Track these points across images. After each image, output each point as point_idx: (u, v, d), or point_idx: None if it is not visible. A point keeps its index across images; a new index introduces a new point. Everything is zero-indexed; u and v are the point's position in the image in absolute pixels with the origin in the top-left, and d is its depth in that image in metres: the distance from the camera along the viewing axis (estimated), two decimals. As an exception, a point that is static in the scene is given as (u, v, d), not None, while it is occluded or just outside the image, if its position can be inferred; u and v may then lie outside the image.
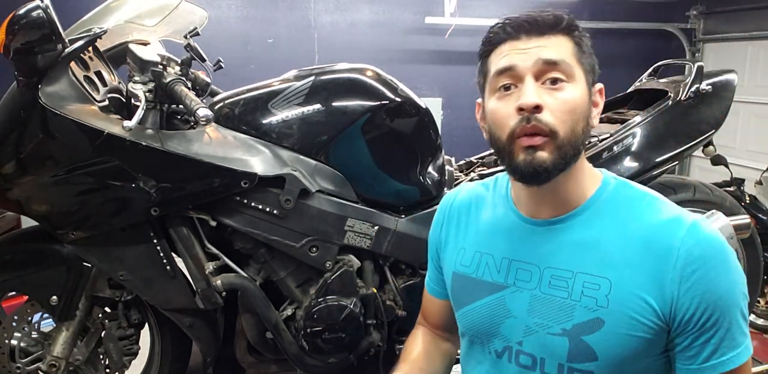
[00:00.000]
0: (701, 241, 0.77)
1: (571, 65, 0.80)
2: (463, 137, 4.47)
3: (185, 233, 1.55)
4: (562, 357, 0.81)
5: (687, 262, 0.76)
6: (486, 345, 0.91)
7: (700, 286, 0.76)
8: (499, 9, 4.38)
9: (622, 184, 0.87)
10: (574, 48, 0.81)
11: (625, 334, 0.78)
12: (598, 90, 0.86)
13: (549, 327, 0.82)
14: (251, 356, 1.80)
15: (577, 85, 0.80)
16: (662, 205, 0.83)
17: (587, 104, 0.82)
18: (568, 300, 0.81)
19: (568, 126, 0.78)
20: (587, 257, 0.81)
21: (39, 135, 1.39)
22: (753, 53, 4.11)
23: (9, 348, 1.65)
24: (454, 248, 0.98)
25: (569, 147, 0.79)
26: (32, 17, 1.29)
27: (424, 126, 1.69)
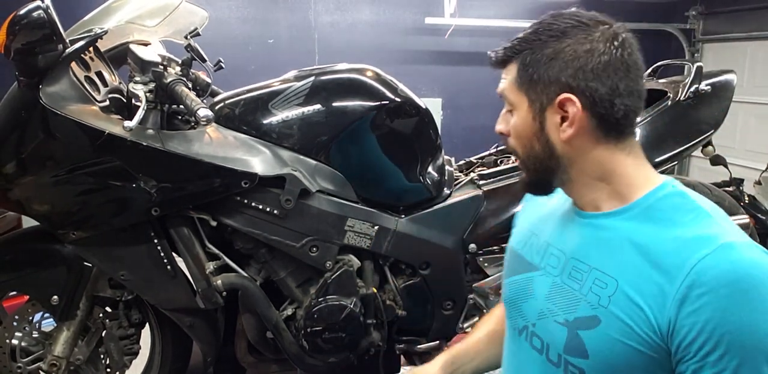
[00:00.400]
0: (722, 264, 0.70)
1: (508, 96, 0.87)
2: (463, 137, 4.47)
3: (186, 233, 1.56)
4: (560, 348, 0.83)
5: (696, 283, 0.70)
6: (512, 319, 0.96)
7: (706, 313, 0.69)
8: (499, 9, 4.38)
9: (679, 194, 0.81)
10: (517, 74, 0.85)
11: (617, 339, 0.76)
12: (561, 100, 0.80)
13: (556, 314, 0.84)
14: (251, 356, 1.80)
15: (518, 112, 0.86)
16: (709, 221, 0.76)
17: (531, 127, 0.84)
18: (577, 293, 0.82)
19: (521, 148, 0.87)
20: (607, 255, 0.81)
21: (40, 135, 1.39)
22: (752, 53, 4.11)
23: (10, 348, 1.66)
24: (520, 226, 1.04)
25: (532, 163, 0.86)
26: (33, 17, 1.30)
27: (424, 126, 1.69)
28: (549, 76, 0.81)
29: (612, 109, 0.80)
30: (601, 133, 0.82)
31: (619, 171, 0.83)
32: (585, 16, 0.82)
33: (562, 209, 0.93)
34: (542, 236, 0.95)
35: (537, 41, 0.82)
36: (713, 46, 4.52)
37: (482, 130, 4.56)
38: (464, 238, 1.74)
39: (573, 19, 0.82)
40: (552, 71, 0.81)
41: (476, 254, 1.76)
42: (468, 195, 1.76)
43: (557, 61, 0.80)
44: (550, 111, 0.82)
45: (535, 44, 0.82)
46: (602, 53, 0.79)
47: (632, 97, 0.81)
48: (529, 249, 0.96)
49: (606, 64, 0.79)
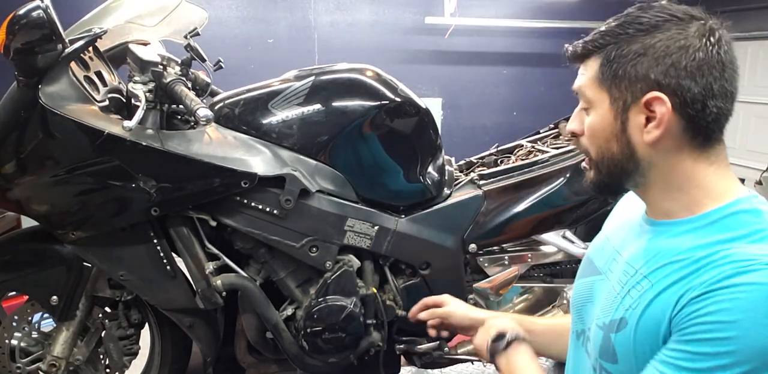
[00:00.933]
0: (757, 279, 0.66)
1: (585, 93, 0.81)
2: (463, 137, 4.48)
3: (185, 233, 1.55)
4: (597, 351, 0.81)
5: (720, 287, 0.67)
6: (574, 323, 0.95)
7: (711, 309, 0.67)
8: (499, 9, 4.38)
9: (754, 211, 0.75)
10: (599, 70, 0.79)
11: (641, 343, 0.73)
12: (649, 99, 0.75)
13: (599, 318, 0.83)
14: (251, 356, 1.80)
15: (595, 110, 0.81)
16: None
17: (610, 126, 0.79)
18: (618, 296, 0.80)
19: (596, 147, 0.82)
20: (656, 262, 0.77)
21: (39, 135, 1.39)
22: (753, 53, 4.11)
23: (9, 348, 1.65)
24: (602, 230, 1.02)
25: (605, 165, 0.81)
26: (32, 17, 1.29)
27: (424, 126, 1.69)
28: (637, 73, 0.75)
29: (704, 111, 0.74)
30: (687, 137, 0.76)
31: (699, 181, 0.78)
32: (677, 9, 0.77)
33: (635, 215, 0.90)
34: (613, 242, 0.92)
35: (624, 35, 0.76)
36: (713, 46, 4.51)
37: (482, 130, 4.58)
38: (464, 238, 1.73)
39: (664, 12, 0.77)
40: (640, 67, 0.75)
41: (476, 254, 1.76)
42: (468, 195, 1.76)
43: (647, 57, 0.75)
44: (634, 110, 0.77)
45: (622, 38, 0.76)
46: (697, 50, 0.74)
47: (726, 99, 0.75)
48: (598, 254, 0.94)
49: (701, 62, 0.74)
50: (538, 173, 1.77)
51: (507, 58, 4.45)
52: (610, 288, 0.84)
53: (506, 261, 1.79)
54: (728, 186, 0.78)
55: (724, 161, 0.79)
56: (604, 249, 0.93)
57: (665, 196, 0.80)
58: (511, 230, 1.77)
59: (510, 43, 4.43)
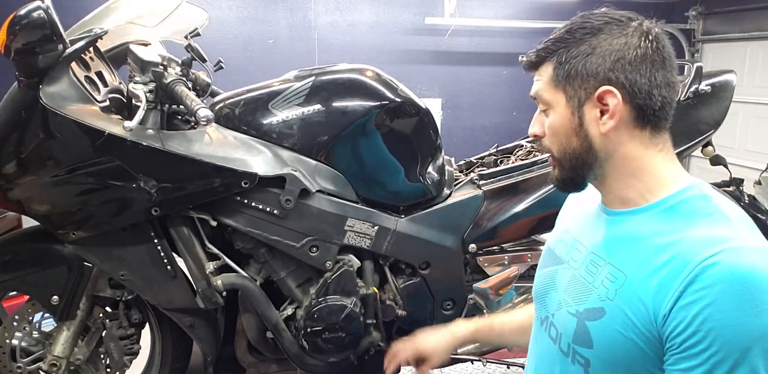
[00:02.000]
0: (726, 264, 0.70)
1: (543, 96, 0.88)
2: (463, 137, 4.48)
3: (186, 233, 1.56)
4: (570, 337, 0.86)
5: (696, 279, 0.71)
6: (537, 311, 1.00)
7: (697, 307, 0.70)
8: (499, 9, 4.38)
9: (702, 196, 0.81)
10: (551, 74, 0.86)
11: (619, 332, 0.78)
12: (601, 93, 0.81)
13: (569, 305, 0.88)
14: (252, 355, 1.80)
15: (554, 110, 0.87)
16: (725, 224, 0.76)
17: (569, 122, 0.85)
18: (589, 285, 0.85)
19: (557, 146, 0.87)
20: (622, 250, 0.83)
21: (40, 135, 1.39)
22: (752, 54, 4.11)
23: (10, 348, 1.66)
24: (558, 224, 1.07)
25: (569, 160, 0.87)
26: (33, 18, 1.30)
27: (424, 126, 1.69)
28: (587, 71, 0.82)
29: (651, 100, 0.82)
30: (638, 125, 0.83)
31: (651, 168, 0.85)
32: (616, 13, 0.85)
33: (593, 206, 0.95)
34: (572, 233, 0.98)
35: (571, 39, 0.84)
36: (713, 46, 4.52)
37: (482, 130, 4.58)
38: (464, 238, 1.74)
39: (605, 16, 0.84)
40: (590, 66, 0.82)
41: (476, 254, 1.76)
42: (468, 195, 1.76)
43: (594, 56, 0.82)
44: (588, 105, 0.83)
45: (570, 42, 0.84)
46: (638, 46, 0.81)
47: (669, 88, 0.83)
48: (559, 244, 0.99)
49: (643, 56, 0.81)
50: (538, 173, 1.78)
51: (507, 58, 4.45)
52: (578, 277, 0.89)
53: (506, 261, 1.79)
54: (676, 173, 0.86)
55: (670, 149, 0.88)
56: (563, 240, 0.99)
57: (621, 185, 0.86)
58: (511, 230, 1.77)
59: (510, 43, 4.43)
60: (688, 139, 1.90)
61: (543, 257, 1.04)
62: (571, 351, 0.86)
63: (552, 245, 1.02)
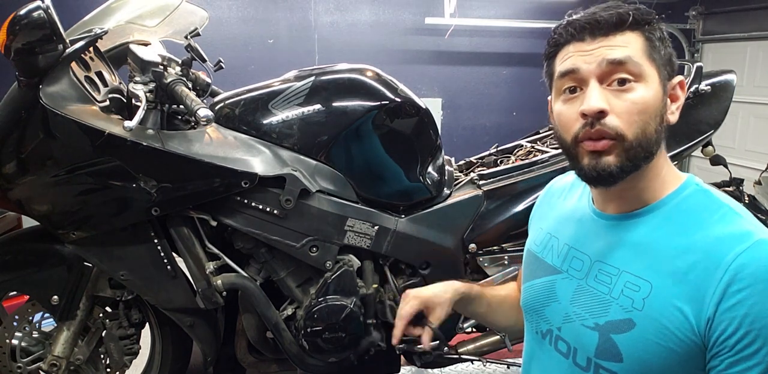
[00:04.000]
0: (759, 260, 0.69)
1: (639, 64, 0.77)
2: (463, 137, 4.48)
3: (186, 232, 1.56)
4: (591, 352, 0.81)
5: (735, 278, 0.69)
6: (534, 323, 0.95)
7: (744, 307, 0.69)
8: (499, 9, 4.38)
9: (702, 191, 0.80)
10: (644, 44, 0.78)
11: (654, 342, 0.74)
12: (678, 83, 0.81)
13: (584, 318, 0.83)
14: (252, 355, 1.80)
15: (647, 83, 0.77)
16: (737, 219, 0.75)
17: (660, 101, 0.78)
18: (607, 296, 0.81)
19: (637, 127, 0.76)
20: (637, 257, 0.79)
21: (40, 135, 1.39)
22: (752, 54, 4.11)
23: (10, 348, 1.66)
24: (537, 227, 1.02)
25: (639, 149, 0.77)
26: (33, 18, 1.30)
27: (423, 126, 1.69)
28: (670, 56, 0.80)
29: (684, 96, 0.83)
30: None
31: (665, 166, 0.82)
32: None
33: (581, 211, 0.92)
34: (562, 239, 0.93)
35: (652, 19, 0.79)
36: (713, 46, 4.52)
37: (482, 130, 4.58)
38: (464, 238, 1.74)
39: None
40: (669, 51, 0.80)
41: (476, 254, 1.76)
42: (468, 195, 1.76)
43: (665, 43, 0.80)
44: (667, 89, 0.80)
45: (653, 21, 0.79)
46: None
47: None
48: (549, 252, 0.94)
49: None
50: (537, 173, 1.78)
51: (507, 58, 4.45)
52: (588, 288, 0.84)
53: (506, 261, 1.79)
54: (673, 170, 0.83)
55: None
56: (554, 248, 0.93)
57: (646, 184, 0.81)
58: (511, 230, 1.77)
59: (510, 43, 4.43)
60: (688, 139, 1.90)
61: (529, 267, 0.99)
62: (593, 365, 0.81)
63: (538, 253, 0.97)
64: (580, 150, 0.79)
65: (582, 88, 0.79)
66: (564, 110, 0.81)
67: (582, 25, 0.78)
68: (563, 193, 1.02)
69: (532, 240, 1.02)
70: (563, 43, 0.81)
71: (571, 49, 0.80)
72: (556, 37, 0.82)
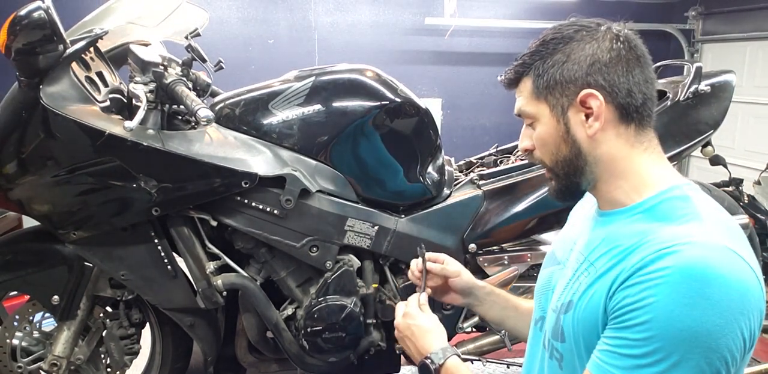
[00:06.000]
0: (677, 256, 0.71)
1: (527, 110, 0.89)
2: (463, 137, 4.48)
3: (186, 232, 1.56)
4: (549, 333, 0.89)
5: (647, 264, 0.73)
6: (535, 311, 1.02)
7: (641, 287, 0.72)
8: (499, 9, 4.39)
9: (683, 197, 0.81)
10: (532, 86, 0.87)
11: (582, 324, 0.81)
12: (583, 97, 0.83)
13: (554, 302, 0.91)
14: (252, 355, 1.80)
15: (540, 121, 0.88)
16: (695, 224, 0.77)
17: (556, 131, 0.86)
18: (570, 281, 0.88)
19: (548, 155, 0.89)
20: (600, 249, 0.85)
21: (40, 135, 1.39)
22: (751, 54, 4.12)
23: (10, 348, 1.66)
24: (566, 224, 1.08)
25: (562, 168, 0.88)
26: (34, 18, 1.30)
27: (423, 126, 1.69)
28: (565, 78, 0.84)
29: (632, 97, 0.83)
30: (622, 124, 0.84)
31: (636, 168, 0.85)
32: (585, 21, 0.87)
33: (592, 209, 0.97)
34: (572, 235, 0.99)
35: (545, 51, 0.86)
36: (713, 46, 4.53)
37: (482, 130, 4.58)
38: (464, 238, 1.74)
39: (574, 25, 0.86)
40: (567, 73, 0.84)
41: (476, 254, 1.76)
42: (468, 195, 1.76)
43: (569, 62, 0.84)
44: (572, 111, 0.85)
45: (545, 54, 0.86)
46: (610, 49, 0.83)
47: (648, 84, 0.84)
48: (560, 245, 1.01)
49: (617, 57, 0.83)
50: (537, 173, 1.78)
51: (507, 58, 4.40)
52: (567, 276, 0.91)
53: (506, 261, 1.79)
54: (663, 173, 0.86)
55: (657, 147, 0.87)
56: (565, 241, 1.00)
57: (609, 187, 0.87)
58: (511, 230, 1.77)
59: (510, 43, 4.43)
60: (687, 139, 1.90)
61: (546, 259, 1.05)
62: (550, 346, 0.89)
63: (555, 247, 1.04)
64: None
65: None
66: None
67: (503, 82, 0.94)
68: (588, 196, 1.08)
69: (557, 236, 1.08)
70: None
71: None
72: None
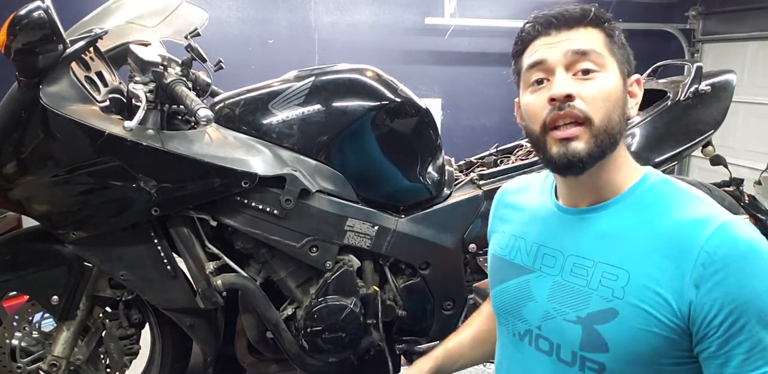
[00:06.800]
0: (728, 241, 0.73)
1: (601, 55, 0.81)
2: (463, 137, 4.48)
3: (186, 232, 1.56)
4: (575, 345, 0.82)
5: (709, 262, 0.73)
6: (510, 326, 0.94)
7: (723, 288, 0.72)
8: (499, 9, 4.39)
9: (663, 181, 0.85)
10: (606, 39, 0.83)
11: (638, 328, 0.76)
12: (635, 81, 0.86)
13: (565, 313, 0.84)
14: (251, 355, 1.80)
15: (609, 74, 0.82)
16: (699, 203, 0.80)
17: (621, 93, 0.82)
18: (585, 288, 0.82)
19: (602, 113, 0.79)
20: (610, 247, 0.82)
21: (40, 135, 1.39)
22: (752, 53, 4.11)
23: (10, 348, 1.66)
24: (499, 231, 1.03)
25: (605, 135, 0.80)
26: (33, 18, 1.30)
27: (424, 126, 1.69)
28: (628, 56, 0.85)
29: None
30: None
31: (624, 159, 0.86)
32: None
33: (544, 209, 0.94)
34: (530, 239, 0.94)
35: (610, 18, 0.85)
36: (713, 46, 4.52)
37: (482, 130, 4.58)
38: (464, 238, 1.74)
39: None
40: (628, 52, 0.85)
41: (476, 254, 1.76)
42: (468, 195, 1.76)
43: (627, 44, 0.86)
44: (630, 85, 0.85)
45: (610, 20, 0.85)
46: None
47: None
48: (517, 254, 0.95)
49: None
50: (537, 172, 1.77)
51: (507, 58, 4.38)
52: (564, 283, 0.86)
53: (506, 261, 1.79)
54: (633, 164, 0.87)
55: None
56: (521, 249, 0.95)
57: (609, 176, 0.84)
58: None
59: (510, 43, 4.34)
60: (688, 139, 1.90)
61: (498, 272, 0.99)
62: (579, 358, 0.82)
63: (506, 257, 0.98)
64: (548, 139, 0.82)
65: (549, 78, 0.82)
66: (532, 100, 0.84)
67: (548, 19, 0.84)
68: (517, 197, 1.04)
69: (496, 245, 1.03)
70: (531, 39, 0.86)
71: (538, 44, 0.85)
72: (523, 35, 0.88)
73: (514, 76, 0.91)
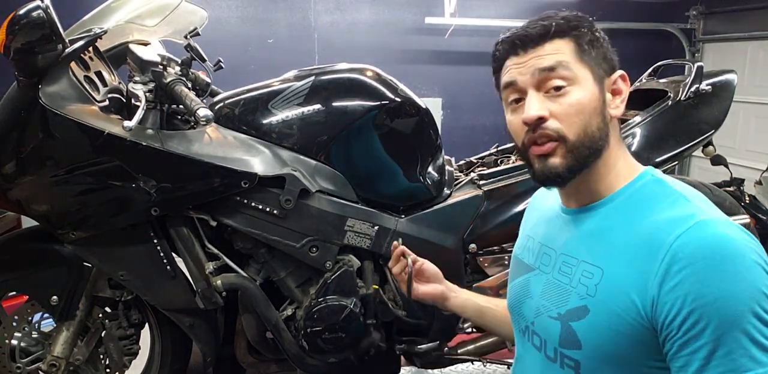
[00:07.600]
0: (697, 239, 0.71)
1: (568, 67, 0.82)
2: (463, 137, 4.48)
3: (185, 233, 1.55)
4: (555, 342, 0.84)
5: (675, 259, 0.71)
6: (516, 322, 0.98)
7: (686, 287, 0.70)
8: (499, 9, 4.38)
9: (656, 181, 0.83)
10: (574, 48, 0.83)
11: (606, 326, 0.76)
12: (619, 77, 0.86)
13: (550, 310, 0.86)
14: (251, 356, 1.80)
15: (580, 85, 0.82)
16: (685, 203, 0.78)
17: (597, 100, 0.82)
18: (567, 286, 0.84)
19: (577, 127, 0.81)
20: (593, 246, 0.83)
21: (39, 135, 1.39)
22: (753, 53, 4.11)
23: (9, 348, 1.66)
24: (521, 233, 1.06)
25: (582, 148, 0.81)
26: (32, 17, 1.29)
27: (424, 126, 1.69)
28: (604, 54, 0.85)
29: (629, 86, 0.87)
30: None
31: (620, 159, 0.86)
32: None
33: (553, 210, 0.96)
34: (537, 238, 0.97)
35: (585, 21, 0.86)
36: (713, 46, 4.52)
37: (482, 130, 4.57)
38: (464, 238, 1.73)
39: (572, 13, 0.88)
40: (604, 50, 0.85)
41: (476, 254, 1.76)
42: (468, 195, 1.76)
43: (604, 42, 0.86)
44: (605, 87, 0.85)
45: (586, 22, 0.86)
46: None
47: None
48: (526, 253, 0.98)
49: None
50: (538, 173, 1.77)
51: (507, 58, 4.45)
52: (553, 280, 0.87)
53: (506, 261, 1.79)
54: (631, 163, 0.87)
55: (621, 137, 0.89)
56: (530, 248, 0.97)
57: (597, 177, 0.85)
58: (512, 230, 1.76)
59: (510, 43, 4.43)
60: (688, 139, 1.90)
61: (513, 269, 1.03)
62: (559, 355, 0.83)
63: (519, 256, 1.01)
64: (530, 156, 0.85)
65: (523, 98, 0.84)
66: (512, 120, 0.87)
67: (513, 40, 0.86)
68: (542, 200, 1.05)
69: (517, 245, 1.06)
70: (502, 58, 0.88)
71: (509, 63, 0.86)
72: (496, 54, 0.89)
73: (497, 91, 0.92)
